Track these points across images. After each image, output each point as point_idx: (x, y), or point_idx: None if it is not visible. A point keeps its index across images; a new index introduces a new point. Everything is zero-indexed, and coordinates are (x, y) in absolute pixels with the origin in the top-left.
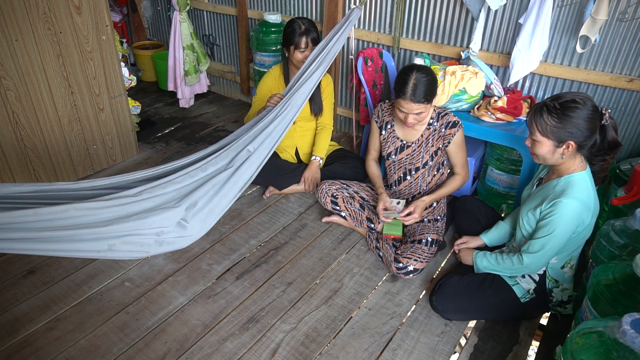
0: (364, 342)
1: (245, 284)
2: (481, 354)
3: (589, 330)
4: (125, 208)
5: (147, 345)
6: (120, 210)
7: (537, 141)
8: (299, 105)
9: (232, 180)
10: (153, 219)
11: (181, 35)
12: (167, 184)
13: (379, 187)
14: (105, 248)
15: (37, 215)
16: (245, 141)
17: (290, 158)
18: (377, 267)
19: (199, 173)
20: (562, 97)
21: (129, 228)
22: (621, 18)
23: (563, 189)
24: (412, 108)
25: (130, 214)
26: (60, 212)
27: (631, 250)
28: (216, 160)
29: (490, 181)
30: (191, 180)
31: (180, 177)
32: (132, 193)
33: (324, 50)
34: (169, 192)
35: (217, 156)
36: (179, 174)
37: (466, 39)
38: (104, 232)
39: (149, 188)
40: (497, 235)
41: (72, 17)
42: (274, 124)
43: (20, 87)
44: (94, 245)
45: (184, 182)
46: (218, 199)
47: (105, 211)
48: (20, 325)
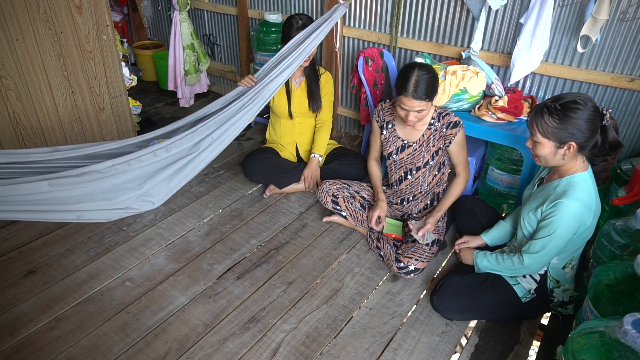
0: (364, 341)
1: (246, 283)
2: (482, 354)
3: (590, 330)
4: (93, 184)
5: (148, 345)
6: (88, 187)
7: (538, 142)
8: (266, 98)
9: (193, 164)
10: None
11: (181, 34)
12: (133, 160)
13: (379, 192)
14: (74, 217)
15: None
16: (210, 127)
17: (290, 156)
18: (378, 267)
19: (163, 153)
20: (563, 98)
21: (96, 206)
22: (622, 18)
23: (564, 189)
24: (413, 105)
25: (98, 191)
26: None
27: (632, 250)
28: (181, 142)
29: (491, 181)
30: (155, 159)
31: (145, 156)
32: (100, 168)
33: (302, 45)
34: (133, 168)
35: (182, 138)
36: (144, 152)
37: (467, 38)
38: (74, 207)
39: (116, 164)
40: (497, 234)
41: (73, 17)
42: (240, 114)
43: (20, 86)
44: (64, 215)
45: (149, 161)
46: (178, 179)
47: (76, 188)
48: (21, 325)
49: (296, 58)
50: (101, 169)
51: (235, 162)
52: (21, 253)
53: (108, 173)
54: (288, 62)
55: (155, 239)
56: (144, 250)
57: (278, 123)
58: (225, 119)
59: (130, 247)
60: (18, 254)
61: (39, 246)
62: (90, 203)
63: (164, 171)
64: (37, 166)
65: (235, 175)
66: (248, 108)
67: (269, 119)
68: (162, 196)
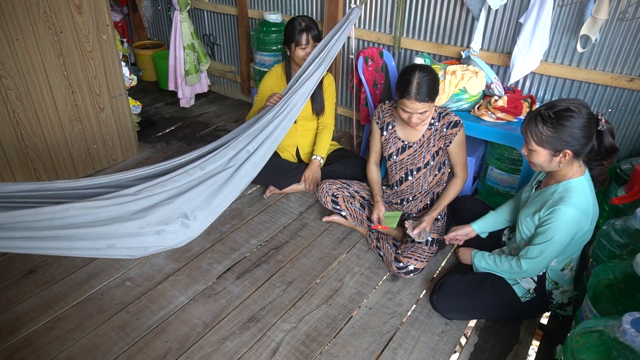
0: (364, 341)
1: (246, 283)
2: (481, 353)
3: (589, 330)
4: (124, 207)
5: (148, 344)
6: (119, 209)
7: (533, 150)
8: (300, 105)
9: (233, 180)
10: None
11: (182, 34)
12: (166, 182)
13: (377, 195)
14: (105, 246)
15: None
16: (243, 140)
17: (290, 157)
18: (378, 267)
19: (197, 171)
20: (557, 106)
21: (129, 227)
22: (622, 17)
23: (561, 195)
24: (417, 107)
25: (129, 213)
26: (60, 211)
27: (631, 249)
28: (215, 159)
29: (490, 181)
30: (190, 178)
31: (178, 176)
32: (131, 192)
33: (324, 50)
34: (167, 190)
35: (216, 154)
36: (177, 172)
37: (466, 38)
38: (104, 231)
39: (148, 187)
40: (486, 223)
41: (73, 17)
42: (273, 124)
43: (20, 86)
44: (93, 244)
45: (183, 181)
46: (219, 198)
47: (104, 210)
48: (21, 325)
49: (322, 62)
50: (132, 192)
51: None
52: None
53: (140, 195)
54: (314, 67)
55: None
56: None
57: None
58: (258, 131)
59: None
60: (18, 254)
61: None
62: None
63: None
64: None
65: None
66: (282, 117)
67: None
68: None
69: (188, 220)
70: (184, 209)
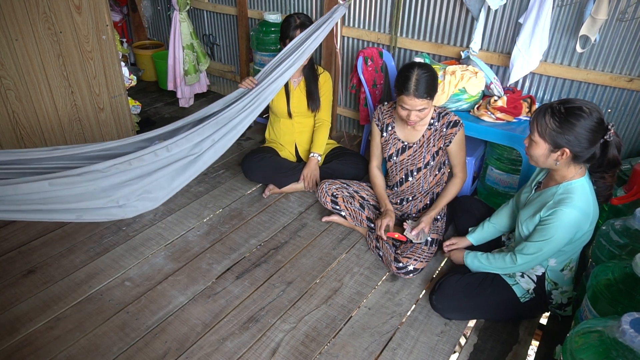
0: (363, 341)
1: (245, 283)
2: (481, 353)
3: (588, 330)
4: (94, 183)
5: (147, 344)
6: (89, 185)
7: (534, 141)
8: (267, 100)
9: (194, 165)
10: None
11: (181, 34)
12: (134, 160)
13: (387, 204)
14: (74, 217)
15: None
16: (210, 128)
17: (289, 155)
18: (377, 267)
19: (164, 152)
20: (570, 103)
21: (97, 203)
22: (621, 18)
23: (562, 197)
24: (415, 104)
25: (98, 190)
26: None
27: (631, 249)
28: (181, 142)
29: (490, 181)
30: (156, 158)
31: (146, 155)
32: (101, 168)
33: (302, 46)
34: (134, 167)
35: (182, 138)
36: (146, 151)
37: (466, 38)
38: (74, 206)
39: (117, 164)
40: (482, 235)
41: (72, 17)
42: (240, 116)
43: (20, 86)
44: (63, 215)
45: (150, 160)
46: (179, 180)
47: (76, 186)
48: (20, 325)
49: (297, 59)
50: (102, 168)
51: (235, 162)
52: (20, 253)
53: (109, 172)
54: (289, 63)
55: (155, 238)
56: (143, 250)
57: (277, 123)
58: (226, 120)
59: (129, 246)
60: (17, 254)
61: (38, 246)
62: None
63: (164, 170)
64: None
65: (235, 175)
66: (249, 110)
67: (268, 119)
68: (162, 195)
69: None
70: (147, 188)
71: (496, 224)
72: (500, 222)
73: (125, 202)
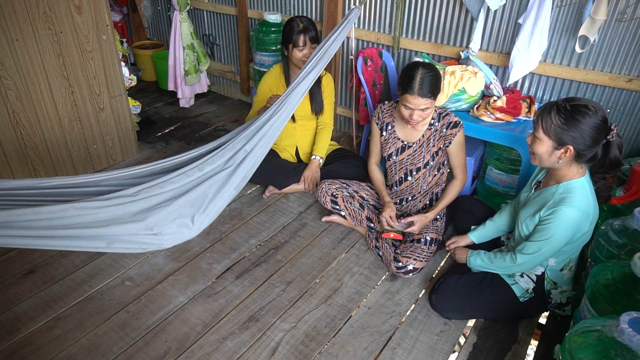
0: (363, 340)
1: (245, 283)
2: (480, 353)
3: (587, 329)
4: (122, 208)
5: (148, 344)
6: (117, 210)
7: (538, 138)
8: (295, 104)
9: (231, 180)
10: (150, 220)
11: (181, 34)
12: (164, 183)
13: (385, 196)
14: (104, 245)
15: (36, 214)
16: (241, 141)
17: (290, 157)
18: (377, 267)
19: (195, 172)
20: (576, 100)
21: (127, 229)
22: (620, 18)
23: (562, 196)
24: (419, 103)
25: (128, 215)
26: (59, 211)
27: (630, 249)
28: (213, 160)
29: (489, 181)
30: (188, 179)
31: (177, 177)
32: (129, 193)
33: (321, 50)
34: (166, 191)
35: (214, 155)
36: (176, 174)
37: (466, 38)
38: (102, 232)
39: (146, 188)
40: (484, 233)
41: (73, 17)
42: (269, 123)
43: (20, 86)
44: (92, 243)
45: (181, 182)
46: (218, 198)
47: (103, 211)
48: (21, 324)
49: (318, 61)
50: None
51: None
52: (21, 252)
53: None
54: (310, 66)
55: None
56: None
57: None
58: (255, 131)
59: None
60: (18, 253)
61: None
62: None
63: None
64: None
65: None
66: (276, 117)
67: None
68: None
69: (186, 222)
70: (182, 212)
71: (498, 223)
72: (502, 222)
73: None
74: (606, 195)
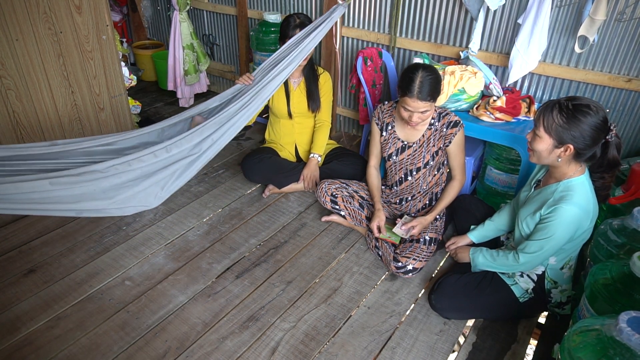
0: (363, 340)
1: (245, 282)
2: (479, 352)
3: (586, 328)
4: (94, 184)
5: (148, 343)
6: (89, 186)
7: (538, 136)
8: (265, 98)
9: (194, 165)
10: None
11: (181, 34)
12: (133, 161)
13: (377, 202)
14: (74, 214)
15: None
16: (210, 127)
17: (289, 156)
18: (377, 266)
19: (163, 153)
20: (577, 100)
21: (97, 205)
22: (619, 18)
23: (562, 194)
24: (418, 106)
25: (98, 191)
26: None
27: (628, 249)
28: (181, 143)
29: (489, 180)
30: (155, 159)
31: (145, 156)
32: (100, 168)
33: (300, 45)
34: (133, 168)
35: (183, 138)
36: (145, 152)
37: (465, 39)
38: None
39: (116, 164)
40: (483, 233)
41: (73, 17)
42: (239, 114)
43: (20, 86)
44: (65, 213)
45: (149, 161)
46: (180, 180)
47: (77, 186)
48: (21, 324)
49: (294, 58)
50: (102, 169)
51: (235, 162)
52: (21, 252)
53: (108, 172)
54: (286, 62)
55: (155, 238)
56: (143, 249)
57: (277, 123)
58: (225, 119)
59: (129, 246)
60: (18, 253)
61: (38, 245)
62: (90, 202)
63: (164, 171)
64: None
65: (235, 174)
66: (247, 108)
67: (268, 119)
68: (161, 196)
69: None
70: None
71: (497, 223)
72: (502, 221)
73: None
74: (604, 195)
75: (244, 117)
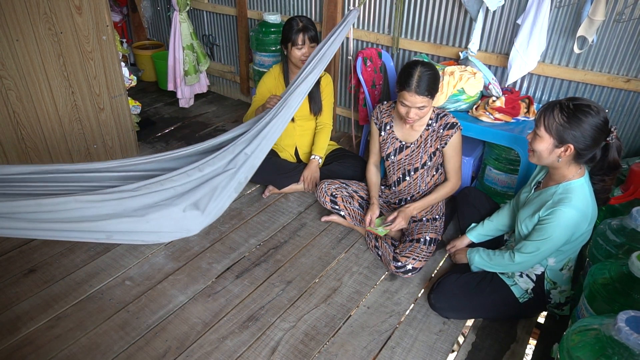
0: (362, 340)
1: (245, 282)
2: (479, 352)
3: (585, 328)
4: (123, 203)
5: (148, 343)
6: (118, 205)
7: (539, 135)
8: (294, 106)
9: (232, 182)
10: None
11: (181, 35)
12: (165, 181)
13: (373, 197)
14: (104, 238)
15: (39, 206)
16: (242, 144)
17: (289, 157)
18: (376, 266)
19: (196, 172)
20: (578, 100)
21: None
22: (618, 19)
23: (561, 197)
24: (415, 101)
25: (128, 210)
26: (62, 203)
27: (627, 249)
28: (213, 161)
29: (488, 181)
30: (188, 179)
31: (177, 176)
32: (130, 188)
33: (321, 51)
34: (166, 188)
35: (214, 157)
36: (176, 172)
37: (465, 39)
38: (102, 225)
39: (147, 184)
40: (481, 232)
41: (73, 17)
42: (269, 125)
43: (21, 86)
44: (92, 235)
45: (181, 181)
46: (219, 199)
47: (105, 204)
48: (21, 324)
49: (318, 63)
50: (132, 188)
51: None
52: (21, 252)
53: (139, 192)
54: (310, 68)
55: None
56: (143, 249)
57: None
58: (255, 134)
59: (130, 246)
60: (18, 253)
61: (39, 245)
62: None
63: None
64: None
65: None
66: (277, 118)
67: None
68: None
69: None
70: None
71: (497, 223)
72: (501, 221)
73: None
74: (604, 198)
75: (274, 128)
